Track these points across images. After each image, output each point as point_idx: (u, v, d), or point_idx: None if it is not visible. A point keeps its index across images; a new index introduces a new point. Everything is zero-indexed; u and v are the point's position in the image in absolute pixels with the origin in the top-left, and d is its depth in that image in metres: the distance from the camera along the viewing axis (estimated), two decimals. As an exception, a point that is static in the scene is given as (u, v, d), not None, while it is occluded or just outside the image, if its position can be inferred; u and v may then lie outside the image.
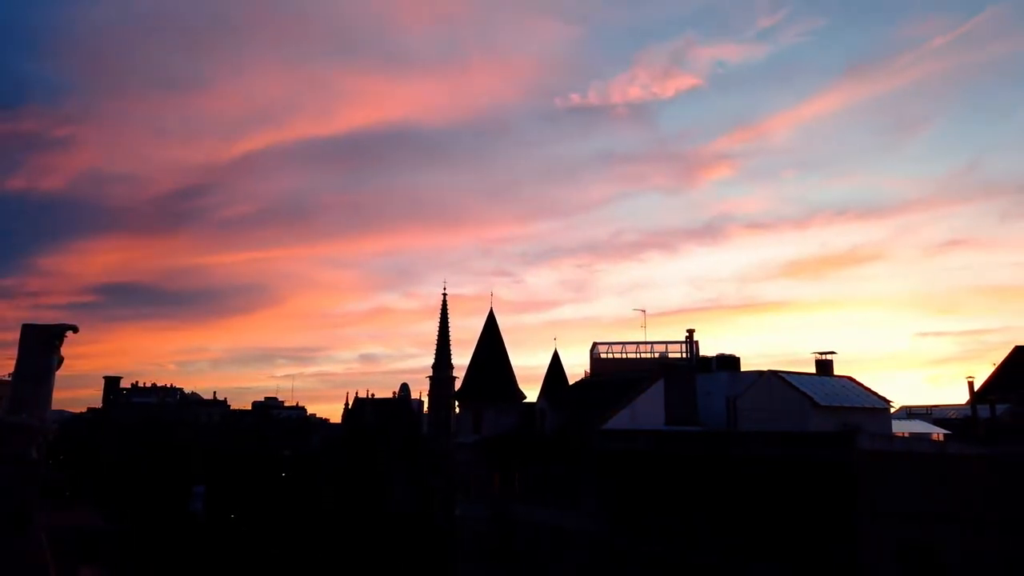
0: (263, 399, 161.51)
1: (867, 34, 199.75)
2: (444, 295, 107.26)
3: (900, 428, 37.71)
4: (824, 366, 39.33)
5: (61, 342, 13.24)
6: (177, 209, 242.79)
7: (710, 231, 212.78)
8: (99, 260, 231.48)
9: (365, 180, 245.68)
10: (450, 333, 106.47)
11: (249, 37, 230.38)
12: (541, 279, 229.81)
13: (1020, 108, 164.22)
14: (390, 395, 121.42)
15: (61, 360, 13.48)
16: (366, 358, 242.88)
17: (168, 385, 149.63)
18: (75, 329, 13.40)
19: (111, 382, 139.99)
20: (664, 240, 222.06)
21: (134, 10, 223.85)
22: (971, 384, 42.19)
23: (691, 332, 47.39)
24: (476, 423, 46.33)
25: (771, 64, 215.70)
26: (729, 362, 42.57)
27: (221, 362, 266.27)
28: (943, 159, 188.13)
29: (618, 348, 50.72)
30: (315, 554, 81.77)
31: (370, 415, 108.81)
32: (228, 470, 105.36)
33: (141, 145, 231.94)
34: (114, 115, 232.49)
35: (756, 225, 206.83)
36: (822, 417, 32.06)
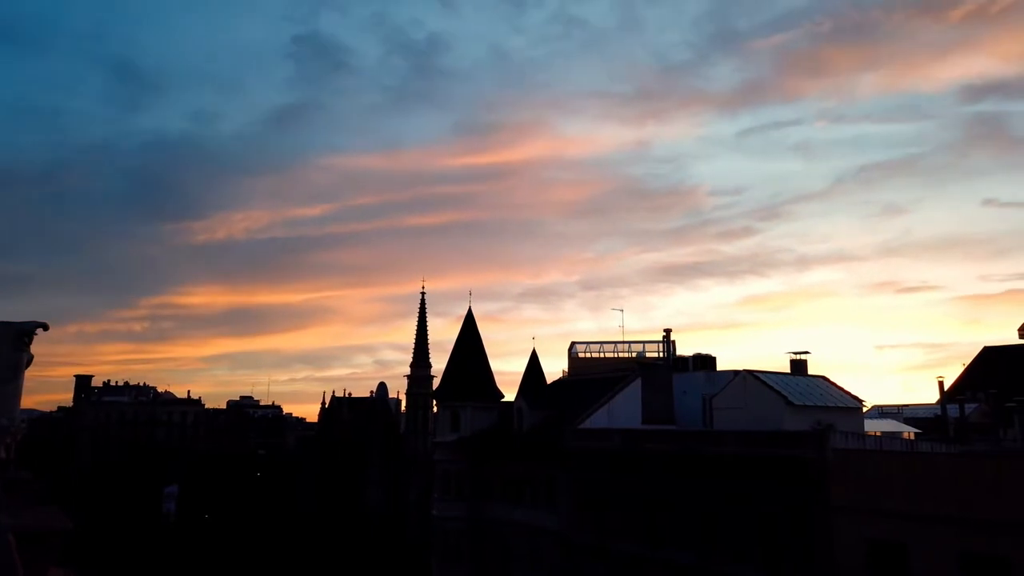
0: (238, 398, 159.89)
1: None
2: (423, 294, 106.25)
3: (872, 427, 38.23)
4: (798, 366, 39.72)
5: (31, 339, 12.97)
6: (255, 268, 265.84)
7: (721, 270, 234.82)
8: (181, 300, 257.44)
9: (431, 244, 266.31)
10: (428, 332, 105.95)
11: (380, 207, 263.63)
12: (570, 303, 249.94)
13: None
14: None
15: (31, 358, 13.19)
16: (380, 363, 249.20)
17: (141, 384, 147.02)
18: (45, 327, 13.12)
19: (82, 381, 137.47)
20: (682, 279, 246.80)
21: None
22: (941, 384, 42.97)
23: (668, 332, 47.69)
24: (454, 422, 46.11)
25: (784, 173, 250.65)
26: (705, 362, 42.90)
27: (236, 366, 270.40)
28: (887, 225, 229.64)
29: (596, 348, 50.82)
30: (290, 553, 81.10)
31: (346, 414, 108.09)
32: (202, 469, 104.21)
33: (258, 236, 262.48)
34: (255, 223, 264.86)
35: (753, 270, 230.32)
36: (796, 416, 32.35)
